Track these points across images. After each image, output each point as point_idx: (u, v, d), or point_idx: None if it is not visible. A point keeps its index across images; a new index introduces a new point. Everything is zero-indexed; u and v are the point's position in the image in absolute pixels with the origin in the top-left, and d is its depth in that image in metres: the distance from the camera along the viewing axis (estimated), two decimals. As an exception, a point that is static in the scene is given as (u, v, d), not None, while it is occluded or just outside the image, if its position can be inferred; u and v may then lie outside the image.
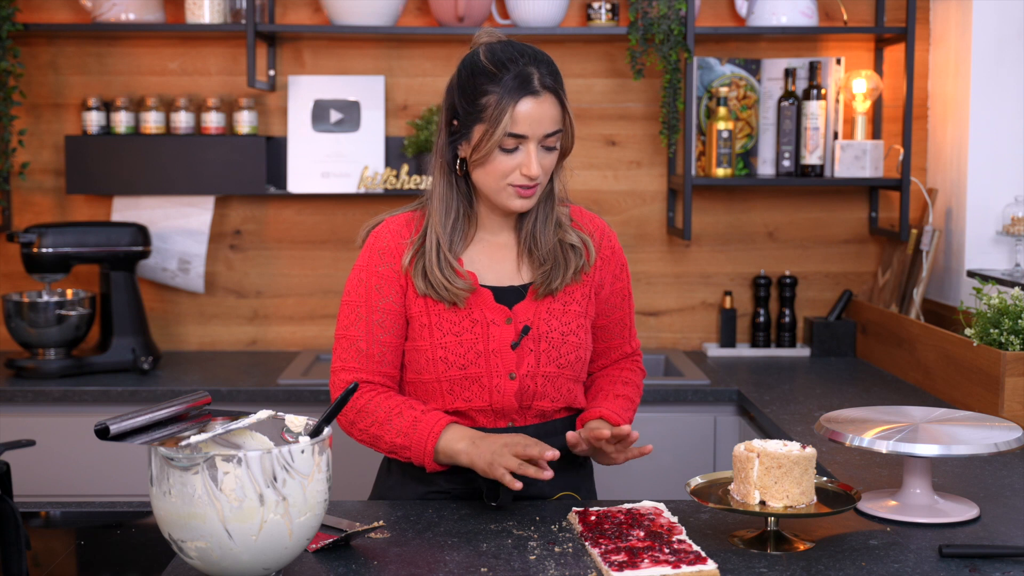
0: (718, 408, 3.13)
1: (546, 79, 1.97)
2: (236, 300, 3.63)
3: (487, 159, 1.96)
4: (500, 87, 1.93)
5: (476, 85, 1.96)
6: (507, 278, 2.06)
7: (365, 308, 2.04)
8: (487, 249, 2.07)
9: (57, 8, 3.51)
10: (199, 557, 1.54)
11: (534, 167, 1.95)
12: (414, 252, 2.02)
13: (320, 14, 3.54)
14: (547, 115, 1.96)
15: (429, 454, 1.96)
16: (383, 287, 2.04)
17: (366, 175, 3.48)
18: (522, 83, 1.94)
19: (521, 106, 1.93)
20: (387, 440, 1.99)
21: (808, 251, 3.67)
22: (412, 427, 1.97)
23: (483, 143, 1.95)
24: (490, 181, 1.98)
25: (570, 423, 2.11)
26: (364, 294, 2.04)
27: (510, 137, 1.94)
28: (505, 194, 1.98)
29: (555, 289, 2.04)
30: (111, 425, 1.56)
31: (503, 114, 1.92)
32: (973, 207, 3.28)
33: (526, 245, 2.06)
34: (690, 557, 1.66)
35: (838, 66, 3.49)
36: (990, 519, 1.93)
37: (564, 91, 2.00)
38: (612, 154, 3.62)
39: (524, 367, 2.02)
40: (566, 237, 2.06)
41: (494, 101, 1.93)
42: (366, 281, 2.05)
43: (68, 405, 3.09)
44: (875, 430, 1.95)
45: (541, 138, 1.96)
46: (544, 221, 2.05)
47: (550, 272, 2.04)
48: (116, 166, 3.43)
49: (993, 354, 2.60)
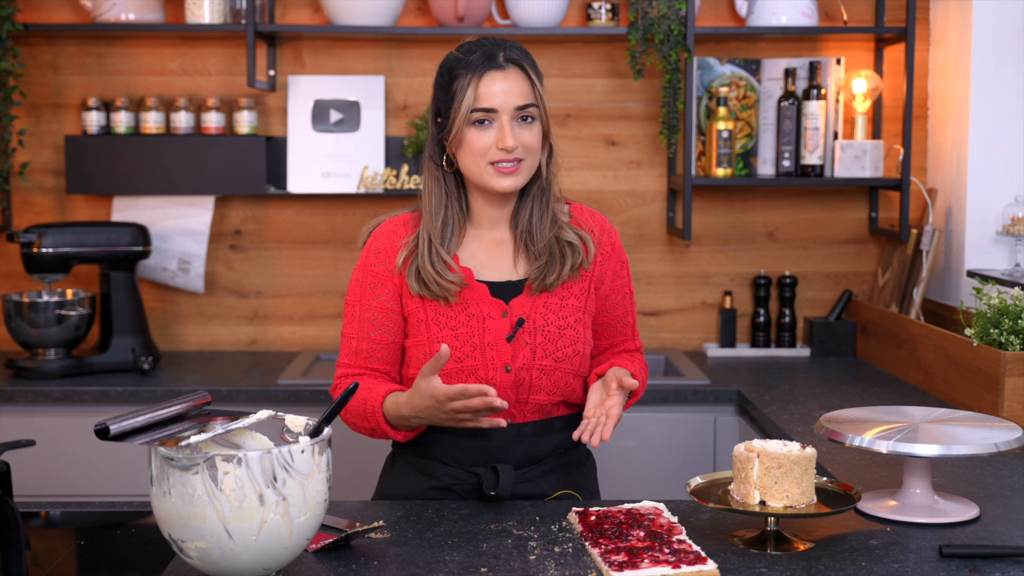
0: (718, 408, 3.13)
1: (512, 54, 2.03)
2: (236, 300, 3.63)
3: (462, 138, 2.01)
4: (466, 68, 2.00)
5: (449, 74, 2.03)
6: (504, 273, 2.08)
7: (359, 307, 2.09)
8: (483, 245, 2.09)
9: (57, 8, 3.51)
10: (199, 557, 1.54)
11: (508, 138, 1.98)
12: (408, 252, 2.06)
13: (320, 14, 3.54)
14: (514, 88, 2.00)
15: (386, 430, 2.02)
16: (376, 286, 2.08)
17: (366, 175, 3.48)
18: (487, 59, 2.01)
19: (486, 79, 1.99)
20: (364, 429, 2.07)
21: (808, 251, 3.67)
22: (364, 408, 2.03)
23: (455, 121, 2.00)
24: (471, 163, 2.02)
25: (570, 421, 2.12)
26: (360, 293, 2.10)
27: (479, 112, 1.99)
28: (487, 174, 2.01)
29: (550, 285, 2.05)
30: (111, 425, 1.56)
31: (468, 87, 1.99)
32: (973, 207, 3.28)
33: (522, 240, 2.08)
34: (690, 557, 1.66)
35: (838, 66, 3.49)
36: (990, 519, 1.93)
37: (535, 70, 2.04)
38: (612, 154, 3.62)
39: (520, 360, 2.03)
40: (563, 234, 2.08)
41: (461, 81, 2.00)
42: (362, 280, 2.10)
43: (68, 405, 3.09)
44: (875, 430, 1.95)
45: (512, 111, 2.00)
46: (540, 217, 2.07)
47: (545, 267, 2.06)
48: (116, 166, 3.43)
49: (993, 354, 2.60)
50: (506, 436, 2.05)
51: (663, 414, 3.12)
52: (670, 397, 3.12)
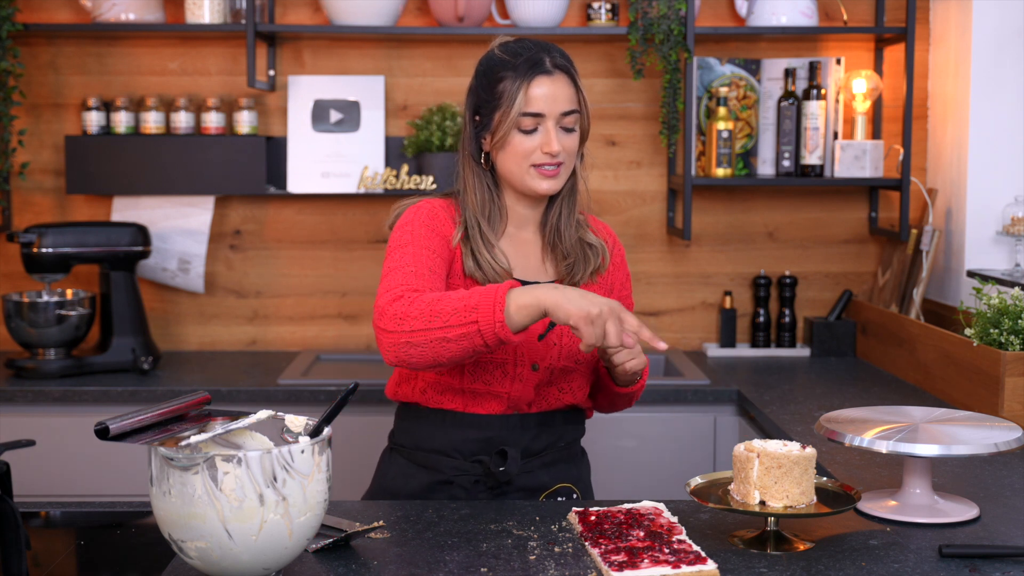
0: (718, 408, 3.13)
1: (558, 60, 2.04)
2: (236, 300, 3.63)
3: (507, 141, 2.02)
4: (514, 71, 2.01)
5: (492, 74, 2.03)
6: (533, 273, 2.11)
7: (413, 246, 1.99)
8: (513, 244, 2.12)
9: (57, 8, 3.51)
10: (199, 557, 1.54)
11: (554, 143, 2.00)
12: (461, 233, 2.06)
13: (320, 14, 3.54)
14: (561, 93, 2.02)
15: (501, 303, 1.80)
16: (435, 228, 2.02)
17: (366, 175, 3.48)
18: (534, 64, 2.01)
19: (535, 84, 2.00)
20: (447, 310, 1.82)
21: (808, 251, 3.67)
22: (474, 292, 1.84)
23: (502, 125, 2.01)
24: (513, 165, 2.03)
25: (571, 417, 2.15)
26: (411, 232, 2.01)
27: (527, 117, 2.00)
28: (530, 176, 2.03)
29: (577, 283, 2.09)
30: (111, 425, 1.56)
31: (518, 93, 2.00)
32: (973, 207, 3.28)
33: (549, 240, 2.12)
34: (690, 557, 1.66)
35: (838, 66, 3.49)
36: (990, 519, 1.93)
37: (578, 75, 2.06)
38: (612, 154, 3.62)
39: (547, 359, 2.07)
40: (586, 236, 2.13)
41: (509, 85, 2.00)
42: (415, 223, 2.02)
43: (68, 405, 3.09)
44: (875, 430, 1.95)
45: (558, 116, 2.02)
46: (568, 216, 2.12)
47: (573, 266, 2.10)
48: (116, 166, 3.43)
49: (993, 354, 2.60)
50: (510, 426, 2.08)
51: (663, 414, 3.12)
52: (670, 397, 3.12)
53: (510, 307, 1.81)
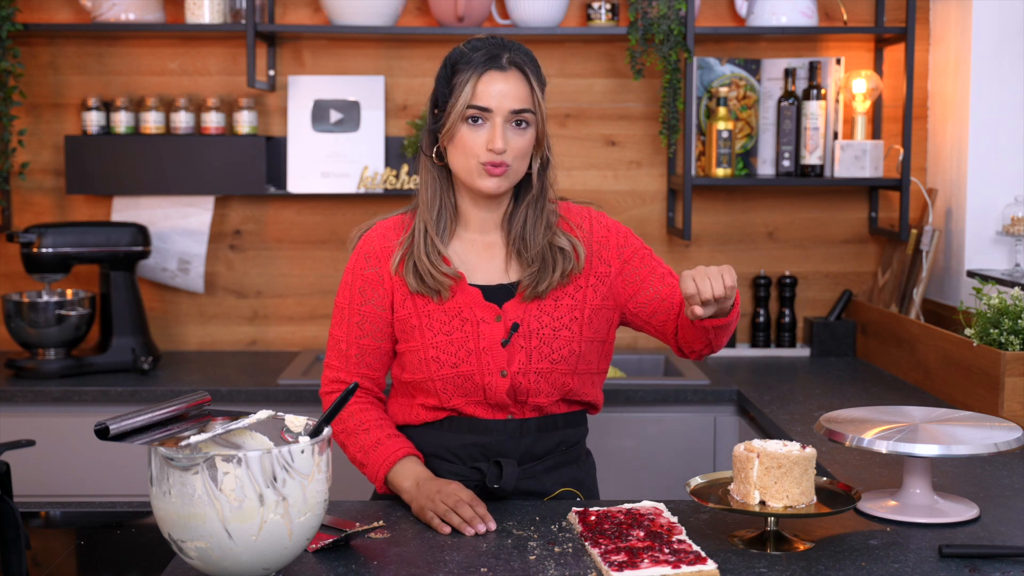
0: (718, 408, 3.13)
1: (515, 57, 2.02)
2: (236, 300, 3.63)
3: (453, 132, 2.01)
4: (469, 64, 2.01)
5: (452, 67, 2.03)
6: (496, 276, 2.08)
7: (348, 311, 2.10)
8: (474, 248, 2.09)
9: (57, 8, 3.51)
10: (199, 557, 1.54)
11: (498, 140, 1.98)
12: (403, 252, 2.06)
13: (320, 14, 3.54)
14: (512, 91, 2.00)
15: (380, 480, 2.03)
16: (366, 290, 2.08)
17: (366, 175, 3.48)
18: (489, 59, 2.00)
19: (486, 78, 1.99)
20: (350, 451, 2.08)
21: (808, 251, 3.67)
22: (373, 448, 2.04)
23: (450, 115, 2.00)
24: (460, 159, 2.02)
25: (572, 419, 2.12)
26: (349, 296, 2.11)
27: (474, 109, 1.99)
28: (475, 173, 2.01)
29: (542, 292, 2.04)
30: (111, 425, 1.56)
31: (467, 84, 1.99)
32: (973, 207, 3.28)
33: (515, 246, 2.07)
34: (690, 557, 1.66)
35: (838, 66, 3.49)
36: (990, 519, 1.93)
37: (538, 76, 2.04)
38: (612, 154, 3.62)
39: (515, 364, 2.03)
40: (555, 240, 2.07)
41: (462, 77, 2.00)
42: (351, 284, 2.11)
43: (68, 405, 3.09)
44: (875, 430, 1.95)
45: (507, 114, 1.99)
46: (534, 223, 2.07)
47: (537, 274, 2.04)
48: (116, 166, 3.42)
49: (993, 354, 2.60)
50: (508, 431, 2.05)
51: (663, 414, 3.12)
52: (670, 397, 3.12)
53: (388, 484, 2.02)
